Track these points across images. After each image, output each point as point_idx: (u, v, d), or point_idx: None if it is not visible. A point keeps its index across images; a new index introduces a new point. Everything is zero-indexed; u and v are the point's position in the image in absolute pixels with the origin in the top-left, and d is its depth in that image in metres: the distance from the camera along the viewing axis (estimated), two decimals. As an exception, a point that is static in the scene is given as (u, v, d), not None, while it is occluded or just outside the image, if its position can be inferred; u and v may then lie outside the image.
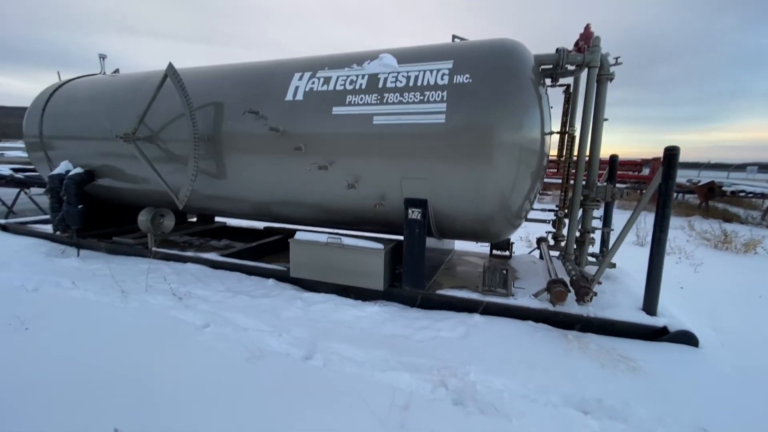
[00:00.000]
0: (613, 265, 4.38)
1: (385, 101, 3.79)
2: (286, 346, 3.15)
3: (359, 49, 4.62)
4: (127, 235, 6.13)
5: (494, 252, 5.60)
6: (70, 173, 5.53)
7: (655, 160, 15.00)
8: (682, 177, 20.31)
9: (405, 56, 3.98)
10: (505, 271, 3.82)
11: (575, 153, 4.07)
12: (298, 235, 4.36)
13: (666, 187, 3.17)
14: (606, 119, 4.09)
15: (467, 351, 3.06)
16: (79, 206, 5.55)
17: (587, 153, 4.05)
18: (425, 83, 3.69)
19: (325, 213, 4.56)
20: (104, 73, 6.63)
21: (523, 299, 3.71)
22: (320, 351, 3.07)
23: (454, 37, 4.50)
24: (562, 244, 4.91)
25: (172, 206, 5.56)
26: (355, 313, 3.72)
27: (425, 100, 3.64)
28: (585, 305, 3.40)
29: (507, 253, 5.55)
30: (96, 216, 6.15)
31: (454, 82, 3.59)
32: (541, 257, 5.45)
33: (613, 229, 4.59)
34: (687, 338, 3.18)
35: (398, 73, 3.84)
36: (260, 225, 7.49)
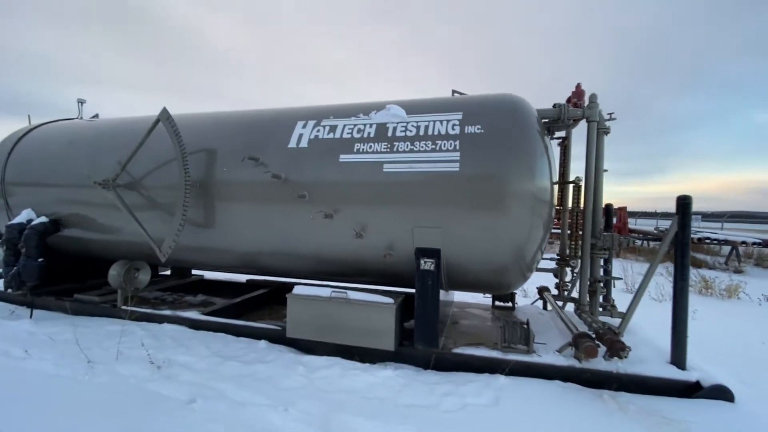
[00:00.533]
0: (622, 315, 4.29)
1: (395, 149, 3.72)
2: (294, 424, 2.68)
3: (361, 100, 4.64)
4: (91, 292, 5.44)
5: (497, 303, 5.41)
6: (33, 223, 4.95)
7: (620, 209, 15.89)
8: (639, 225, 21.54)
9: (411, 107, 4.01)
10: (525, 326, 3.60)
11: (581, 202, 4.10)
12: (297, 290, 4.00)
13: (683, 236, 3.19)
14: (605, 170, 4.21)
15: (505, 422, 2.73)
16: (39, 260, 4.91)
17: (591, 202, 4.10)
18: (436, 132, 3.68)
19: (324, 264, 4.25)
20: (81, 118, 6.28)
21: (547, 356, 3.47)
22: (336, 429, 2.63)
23: (453, 91, 4.63)
24: (565, 293, 4.82)
25: (149, 259, 5.06)
26: (367, 379, 3.31)
27: (437, 149, 3.61)
28: (615, 361, 3.20)
29: (510, 304, 5.37)
30: (54, 271, 5.46)
31: (466, 132, 3.60)
32: (544, 307, 5.31)
33: (621, 278, 4.56)
34: (722, 393, 3.02)
35: (407, 122, 3.83)
36: (241, 278, 6.95)
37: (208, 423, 2.67)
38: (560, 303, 4.83)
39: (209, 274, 7.29)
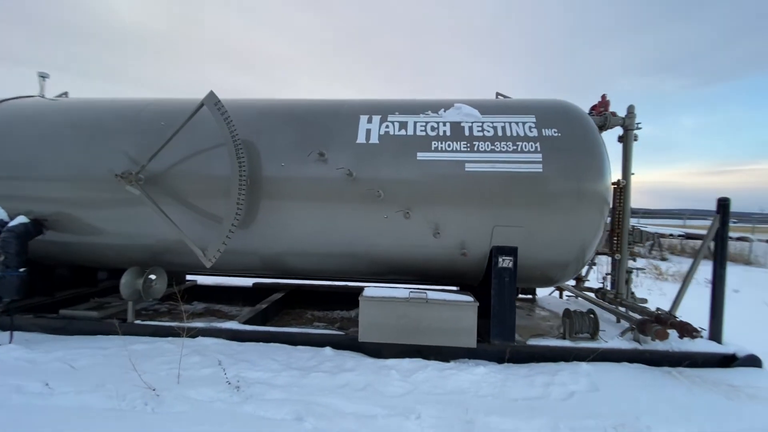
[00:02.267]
0: (645, 301, 4.88)
1: (475, 149, 3.75)
2: (434, 430, 2.61)
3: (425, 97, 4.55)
4: (77, 307, 4.55)
5: (519, 295, 5.75)
6: (11, 224, 3.95)
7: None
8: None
9: (480, 108, 4.06)
10: (593, 315, 3.92)
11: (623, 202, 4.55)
12: (369, 293, 3.82)
13: (723, 231, 3.77)
14: (633, 173, 4.73)
15: (616, 403, 2.97)
16: (21, 269, 3.95)
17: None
18: (515, 134, 3.79)
19: (389, 264, 4.13)
20: (43, 96, 5.14)
21: (612, 342, 3.83)
22: (481, 430, 2.62)
23: (497, 94, 4.81)
24: (586, 284, 5.33)
25: (168, 265, 4.41)
26: (468, 378, 3.32)
27: (518, 150, 3.73)
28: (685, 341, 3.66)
29: (531, 296, 5.76)
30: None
31: (544, 134, 3.77)
32: (560, 297, 5.79)
33: (644, 269, 5.16)
34: (754, 361, 3.65)
35: (483, 122, 3.88)
36: (235, 282, 6.35)
37: (351, 441, 2.46)
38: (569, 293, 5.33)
39: (203, 279, 6.53)
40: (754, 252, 11.86)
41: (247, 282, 6.34)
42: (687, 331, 3.44)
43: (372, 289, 3.87)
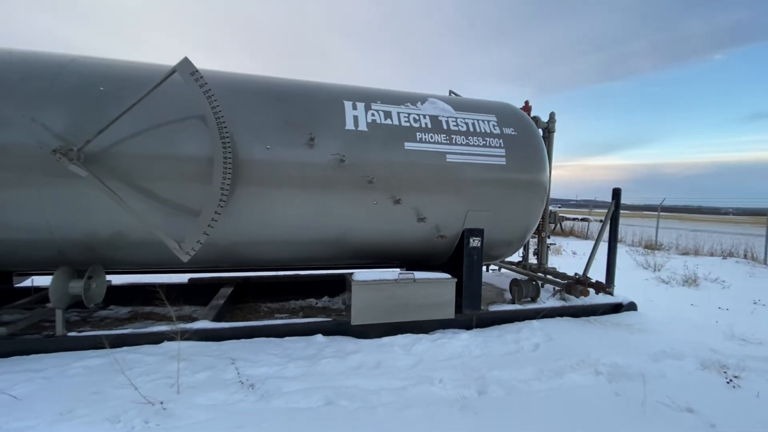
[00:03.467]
0: (555, 269, 6.13)
1: (454, 142, 4.17)
2: (458, 390, 2.98)
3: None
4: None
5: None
6: None
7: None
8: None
9: (449, 104, 4.48)
10: (535, 283, 4.81)
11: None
12: (359, 277, 3.94)
13: (616, 213, 5.05)
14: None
15: (570, 347, 3.83)
16: None
17: (549, 190, 5.66)
18: (483, 130, 4.34)
19: (372, 249, 4.29)
20: None
21: (549, 302, 4.79)
22: (492, 383, 3.10)
23: (450, 92, 5.33)
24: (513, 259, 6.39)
25: (87, 262, 3.67)
26: (457, 344, 3.77)
27: (487, 144, 4.29)
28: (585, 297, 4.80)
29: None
30: None
31: (504, 132, 4.42)
32: (487, 270, 6.78)
33: (555, 243, 6.41)
34: (633, 306, 5.06)
35: (456, 118, 4.31)
36: (159, 278, 5.55)
37: (402, 410, 2.65)
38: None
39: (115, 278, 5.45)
40: (591, 229, 15.63)
41: (174, 279, 5.59)
42: (602, 288, 4.58)
43: (361, 274, 3.99)
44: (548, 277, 5.25)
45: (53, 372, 2.98)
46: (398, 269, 4.33)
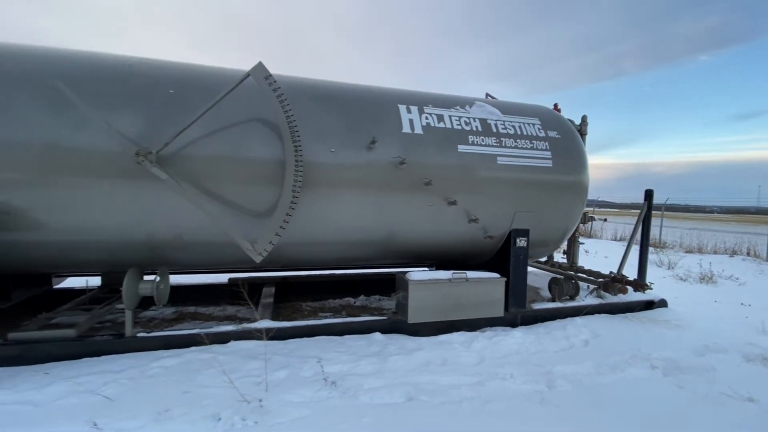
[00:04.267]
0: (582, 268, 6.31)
1: (503, 145, 4.29)
2: (529, 385, 3.10)
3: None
4: (24, 328, 3.44)
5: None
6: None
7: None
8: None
9: (495, 107, 4.60)
10: (574, 281, 4.97)
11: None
12: (415, 276, 4.03)
13: (648, 213, 5.23)
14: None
15: (618, 343, 3.98)
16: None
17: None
18: (530, 133, 4.46)
19: (419, 250, 4.39)
20: None
21: (587, 300, 4.95)
22: (562, 378, 3.22)
23: (487, 94, 5.45)
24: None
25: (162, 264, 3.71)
26: (513, 341, 3.89)
27: (534, 147, 4.42)
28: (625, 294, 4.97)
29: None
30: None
31: (549, 135, 4.55)
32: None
33: (584, 243, 6.59)
34: (664, 303, 5.25)
35: (504, 121, 4.43)
36: (198, 279, 5.57)
37: (485, 404, 2.76)
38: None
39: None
40: (594, 228, 15.96)
41: (213, 279, 5.62)
42: (640, 286, 4.75)
43: (416, 274, 4.08)
44: (581, 275, 5.40)
45: (134, 372, 3.02)
46: (449, 270, 4.40)
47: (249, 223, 3.51)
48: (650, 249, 11.43)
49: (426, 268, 6.17)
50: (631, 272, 5.33)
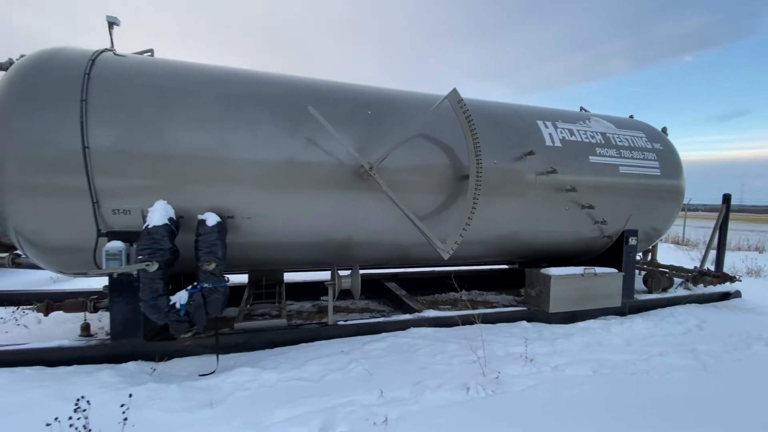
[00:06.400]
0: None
1: (622, 156, 4.89)
2: (681, 360, 3.71)
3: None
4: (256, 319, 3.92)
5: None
6: (210, 223, 3.17)
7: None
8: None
9: (610, 122, 5.20)
10: (668, 275, 5.62)
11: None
12: (555, 272, 4.61)
13: (726, 215, 5.92)
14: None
15: (725, 327, 4.62)
16: (227, 281, 3.26)
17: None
18: (640, 146, 5.08)
19: (546, 248, 4.97)
20: (112, 50, 3.93)
21: (678, 291, 5.61)
22: (704, 354, 3.84)
23: (581, 108, 6.05)
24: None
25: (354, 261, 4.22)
26: (640, 327, 4.48)
27: (645, 158, 5.03)
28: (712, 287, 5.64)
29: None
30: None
31: (654, 147, 5.17)
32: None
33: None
34: (739, 294, 5.95)
35: (619, 134, 5.04)
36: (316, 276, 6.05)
37: (668, 373, 3.35)
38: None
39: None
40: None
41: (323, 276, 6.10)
42: (729, 278, 5.42)
43: (554, 270, 4.66)
44: (666, 270, 6.06)
45: (358, 354, 3.52)
46: (580, 267, 4.96)
47: (432, 225, 4.03)
48: (673, 246, 12.33)
49: (507, 266, 6.78)
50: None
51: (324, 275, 6.00)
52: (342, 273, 4.03)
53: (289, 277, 5.68)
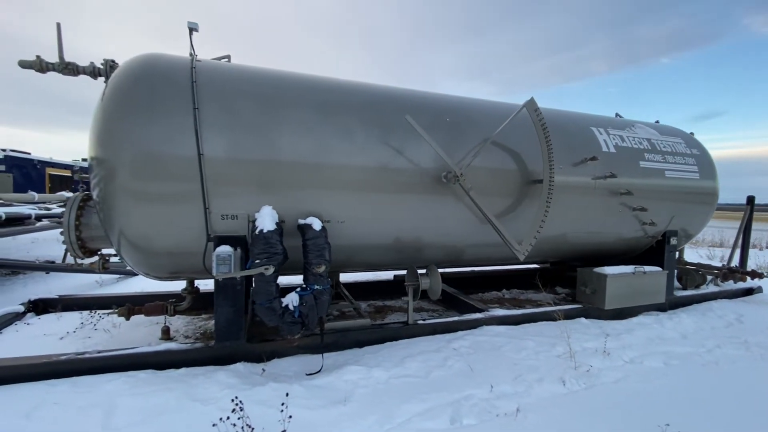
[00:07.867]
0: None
1: (667, 161, 5.20)
2: (737, 350, 4.02)
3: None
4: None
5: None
6: (319, 227, 3.29)
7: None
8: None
9: (652, 128, 5.51)
10: (701, 273, 5.98)
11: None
12: (610, 271, 4.88)
13: (750, 216, 6.32)
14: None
15: (764, 321, 4.98)
16: (330, 283, 3.38)
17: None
18: (681, 151, 5.40)
19: (596, 248, 5.24)
20: (194, 55, 3.98)
21: (710, 288, 5.99)
22: (754, 345, 4.16)
23: (617, 114, 6.36)
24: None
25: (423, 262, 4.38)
26: (687, 323, 4.78)
27: (686, 163, 5.36)
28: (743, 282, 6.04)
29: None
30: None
31: (692, 152, 5.51)
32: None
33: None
34: (761, 289, 6.37)
35: (662, 141, 5.35)
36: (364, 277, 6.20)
37: (734, 362, 3.64)
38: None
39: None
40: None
41: (375, 276, 6.25)
42: (757, 275, 5.82)
43: (608, 269, 4.92)
44: (694, 268, 6.44)
45: (449, 352, 3.69)
46: (620, 266, 5.25)
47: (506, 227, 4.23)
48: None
49: (536, 265, 7.04)
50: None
51: (371, 276, 6.17)
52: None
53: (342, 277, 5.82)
